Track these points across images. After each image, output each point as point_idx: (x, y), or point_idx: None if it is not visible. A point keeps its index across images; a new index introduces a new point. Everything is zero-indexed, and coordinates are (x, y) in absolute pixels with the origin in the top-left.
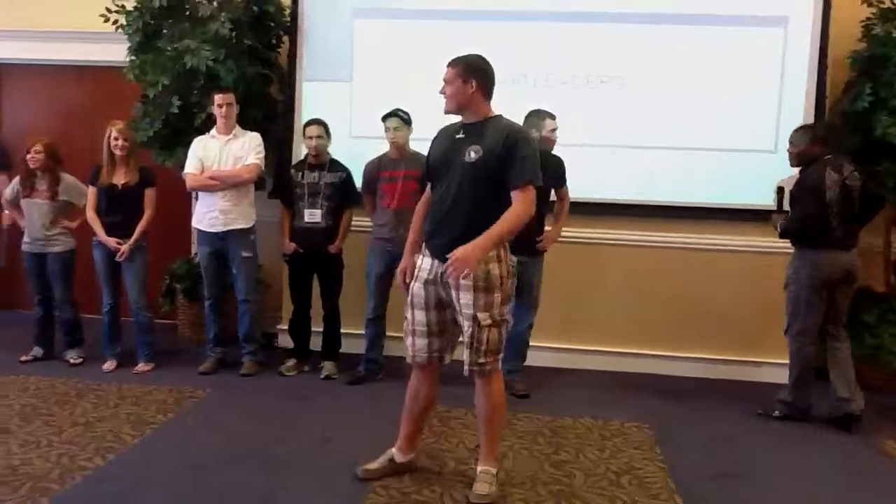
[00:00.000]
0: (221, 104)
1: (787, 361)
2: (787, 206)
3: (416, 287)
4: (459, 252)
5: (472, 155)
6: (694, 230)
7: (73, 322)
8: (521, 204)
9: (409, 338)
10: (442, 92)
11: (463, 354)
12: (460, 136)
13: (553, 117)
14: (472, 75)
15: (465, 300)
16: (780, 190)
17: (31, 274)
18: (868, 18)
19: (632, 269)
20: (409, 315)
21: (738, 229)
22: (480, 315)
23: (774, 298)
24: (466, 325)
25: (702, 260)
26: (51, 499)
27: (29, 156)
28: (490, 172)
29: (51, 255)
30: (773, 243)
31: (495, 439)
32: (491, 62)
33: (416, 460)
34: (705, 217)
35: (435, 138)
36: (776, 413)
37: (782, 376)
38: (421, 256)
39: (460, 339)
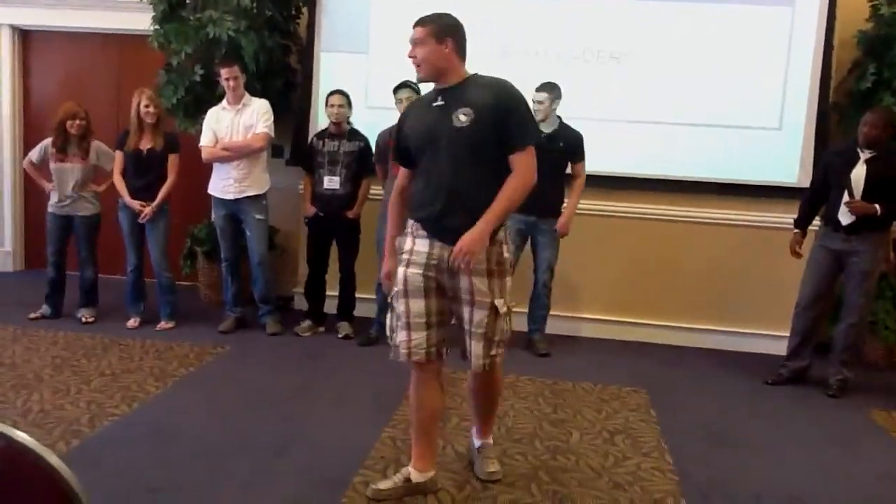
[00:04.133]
0: (228, 77)
1: (786, 334)
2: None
3: (410, 273)
4: (466, 243)
5: (462, 118)
6: (699, 204)
7: (92, 282)
8: (522, 171)
9: (403, 332)
10: (411, 55)
11: (469, 346)
12: (439, 103)
13: (540, 90)
14: (448, 34)
15: (479, 286)
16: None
17: (53, 235)
18: None
19: (637, 241)
20: (401, 307)
21: (743, 205)
22: (498, 302)
23: (775, 272)
24: (479, 315)
25: (705, 233)
26: (82, 440)
27: (71, 122)
28: (485, 135)
29: (78, 218)
30: (775, 217)
31: (494, 416)
32: (502, 35)
33: (436, 478)
34: (711, 192)
35: (405, 116)
36: None
37: (780, 348)
38: (410, 238)
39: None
